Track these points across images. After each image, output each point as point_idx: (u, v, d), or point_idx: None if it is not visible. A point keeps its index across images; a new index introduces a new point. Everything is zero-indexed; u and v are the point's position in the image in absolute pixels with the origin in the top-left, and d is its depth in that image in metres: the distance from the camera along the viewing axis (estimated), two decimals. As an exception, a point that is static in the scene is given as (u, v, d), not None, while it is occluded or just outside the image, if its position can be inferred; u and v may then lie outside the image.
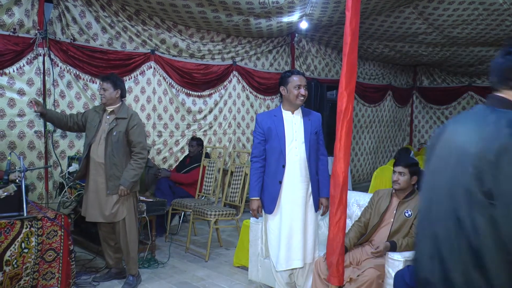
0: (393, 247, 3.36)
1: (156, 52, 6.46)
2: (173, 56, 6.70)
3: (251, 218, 4.17)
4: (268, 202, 3.52)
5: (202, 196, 5.85)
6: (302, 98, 3.46)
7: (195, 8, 5.90)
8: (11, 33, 5.03)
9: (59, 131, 5.43)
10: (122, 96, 4.12)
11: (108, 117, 4.04)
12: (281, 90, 3.53)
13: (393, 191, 3.64)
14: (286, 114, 3.53)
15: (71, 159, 5.23)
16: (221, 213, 5.01)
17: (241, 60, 7.64)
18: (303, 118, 3.54)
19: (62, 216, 3.75)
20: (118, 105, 4.07)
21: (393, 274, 3.20)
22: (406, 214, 3.48)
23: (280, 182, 3.46)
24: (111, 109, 4.06)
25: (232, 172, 5.63)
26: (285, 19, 6.77)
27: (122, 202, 3.95)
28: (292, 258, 3.44)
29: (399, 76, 11.50)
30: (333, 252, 3.00)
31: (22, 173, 3.65)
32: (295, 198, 3.46)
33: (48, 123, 5.19)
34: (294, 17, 6.74)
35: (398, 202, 3.58)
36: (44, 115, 4.18)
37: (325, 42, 8.90)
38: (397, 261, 3.25)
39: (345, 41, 2.88)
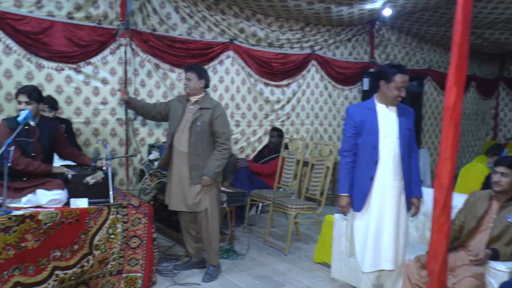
0: (495, 256, 3.04)
1: (234, 42, 6.37)
2: (252, 45, 6.58)
3: (335, 214, 3.97)
4: (358, 199, 3.31)
5: (280, 187, 5.70)
6: (400, 99, 3.25)
7: (276, -5, 5.74)
8: (96, 25, 5.16)
9: (139, 118, 5.51)
10: (206, 86, 4.05)
11: (191, 107, 3.99)
12: (381, 84, 3.29)
13: (493, 193, 3.28)
14: (380, 108, 3.30)
15: (151, 147, 5.29)
16: (302, 206, 4.84)
17: (320, 49, 7.38)
18: (398, 112, 3.31)
19: (146, 204, 3.76)
20: (202, 95, 4.01)
21: (495, 286, 2.90)
22: (509, 220, 3.12)
23: (372, 179, 3.24)
24: (195, 99, 4.01)
25: (312, 165, 5.43)
26: (368, 6, 6.44)
27: (205, 192, 3.90)
28: (381, 259, 3.23)
29: (483, 66, 10.65)
30: (435, 259, 2.72)
31: (109, 161, 3.69)
32: (387, 196, 3.24)
33: (129, 111, 5.28)
34: (377, 3, 6.39)
35: (499, 205, 3.22)
36: (129, 103, 4.22)
37: (406, 30, 8.41)
38: (501, 271, 2.95)
39: (456, 29, 2.56)
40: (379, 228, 3.21)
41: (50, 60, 4.94)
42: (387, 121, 3.26)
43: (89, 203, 3.50)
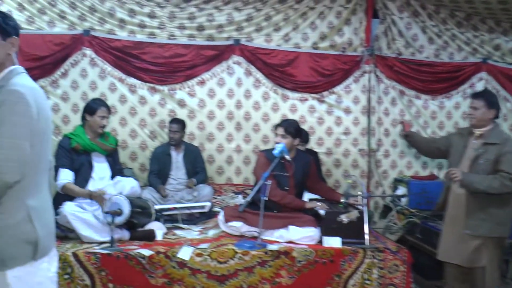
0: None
1: (488, 61, 5.51)
2: (510, 63, 5.61)
3: None
4: None
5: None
6: None
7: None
8: (341, 53, 5.05)
9: (382, 149, 5.15)
10: (496, 117, 3.37)
11: (474, 141, 3.36)
12: None
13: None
14: None
15: (397, 181, 4.85)
16: None
17: None
18: None
19: (405, 250, 3.33)
20: (489, 127, 3.33)
21: None
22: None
23: None
24: (479, 132, 3.35)
25: None
26: None
27: (486, 246, 3.21)
28: None
29: None
30: None
31: (364, 199, 3.39)
32: None
33: (371, 141, 4.99)
34: None
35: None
36: (409, 136, 3.89)
37: None
38: None
39: None
40: None
41: (295, 91, 5.01)
42: None
43: (343, 243, 3.30)
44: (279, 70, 4.93)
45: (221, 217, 3.61)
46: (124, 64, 4.66)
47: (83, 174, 3.58)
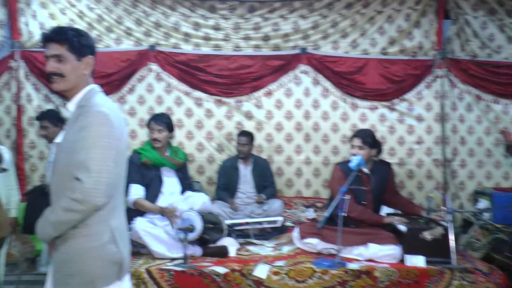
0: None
1: None
2: None
3: None
4: None
5: None
6: None
7: None
8: (411, 57, 4.82)
9: (458, 159, 4.83)
10: None
11: None
12: None
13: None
14: None
15: (477, 194, 4.54)
16: None
17: None
18: None
19: (499, 271, 3.06)
20: None
21: None
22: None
23: None
24: None
25: None
26: None
27: None
28: None
29: None
30: None
31: (449, 215, 3.15)
32: None
33: (446, 151, 4.73)
34: None
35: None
36: None
37: None
38: None
39: None
40: None
41: (364, 99, 4.83)
42: None
43: (427, 263, 3.08)
44: (348, 78, 4.77)
45: (296, 233, 3.49)
46: (189, 77, 4.67)
47: (153, 189, 3.55)
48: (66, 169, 1.65)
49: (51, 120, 3.74)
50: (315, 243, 3.34)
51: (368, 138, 3.40)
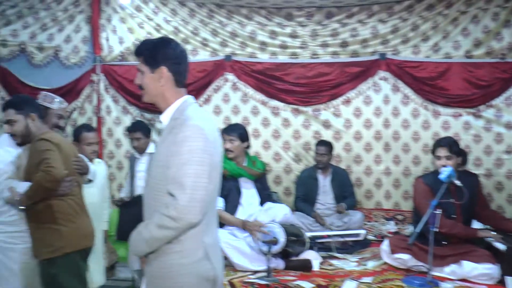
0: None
1: None
2: None
3: None
4: None
5: None
6: None
7: None
8: (499, 60, 4.50)
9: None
10: None
11: None
12: None
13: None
14: None
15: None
16: None
17: None
18: None
19: None
20: None
21: None
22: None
23: None
24: None
25: None
26: None
27: None
28: None
29: None
30: None
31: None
32: None
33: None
34: None
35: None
36: None
37: None
38: None
39: None
40: None
41: (447, 106, 4.59)
42: None
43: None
44: (429, 83, 4.56)
45: (385, 247, 3.33)
46: (266, 86, 4.67)
47: (231, 201, 3.54)
48: (159, 183, 1.64)
49: (144, 131, 3.86)
50: (406, 259, 3.20)
51: (456, 147, 3.22)
